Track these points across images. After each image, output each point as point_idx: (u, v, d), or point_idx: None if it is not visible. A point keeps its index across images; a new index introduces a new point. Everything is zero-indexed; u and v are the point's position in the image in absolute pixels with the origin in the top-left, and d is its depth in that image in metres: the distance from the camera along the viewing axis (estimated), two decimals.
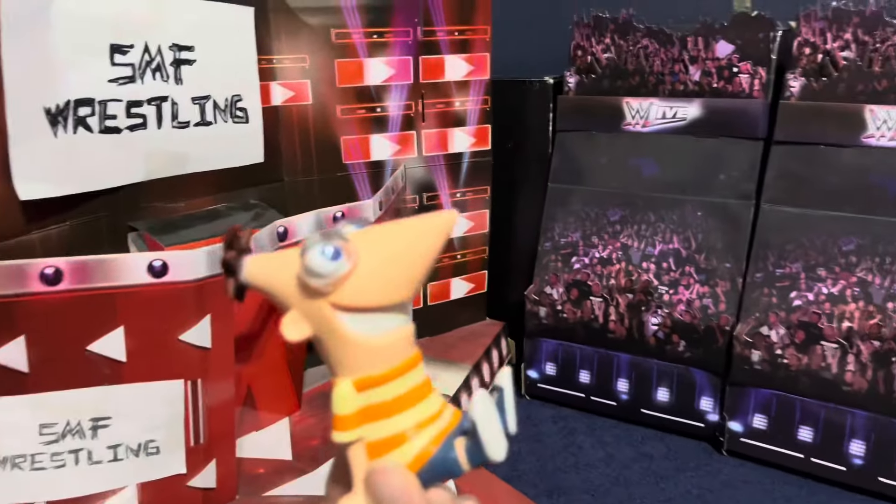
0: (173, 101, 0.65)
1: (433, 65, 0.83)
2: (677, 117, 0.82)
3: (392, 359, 0.26)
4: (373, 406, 0.26)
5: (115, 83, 0.60)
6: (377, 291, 0.26)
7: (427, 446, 0.26)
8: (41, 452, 0.51)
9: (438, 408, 0.27)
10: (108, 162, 0.61)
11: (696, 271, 0.80)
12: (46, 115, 0.56)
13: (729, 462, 0.77)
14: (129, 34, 0.61)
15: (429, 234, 0.27)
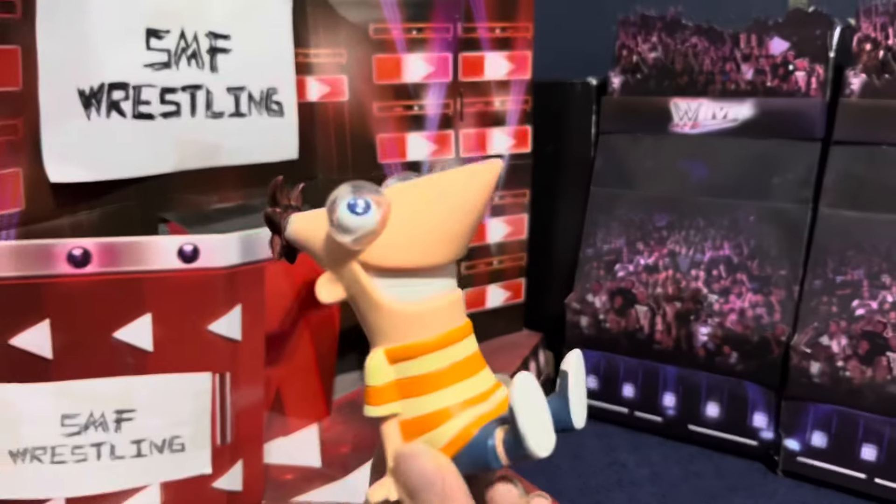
0: (208, 90, 0.63)
1: (473, 62, 0.80)
2: (728, 118, 0.78)
3: (430, 328, 0.24)
4: (408, 379, 0.24)
5: (151, 68, 0.58)
6: (411, 251, 0.24)
7: (468, 427, 0.24)
8: (62, 444, 0.49)
9: (489, 387, 0.25)
10: (141, 149, 0.59)
11: (748, 279, 0.75)
12: (80, 96, 0.54)
13: (784, 483, 0.72)
14: (165, 19, 0.59)
15: (470, 185, 0.24)
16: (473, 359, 0.25)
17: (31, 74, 0.50)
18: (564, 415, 0.24)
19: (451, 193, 0.24)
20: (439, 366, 0.24)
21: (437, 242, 0.24)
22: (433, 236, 0.24)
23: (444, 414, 0.24)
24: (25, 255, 0.46)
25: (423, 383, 0.24)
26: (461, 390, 0.25)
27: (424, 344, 0.24)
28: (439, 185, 0.24)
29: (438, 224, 0.24)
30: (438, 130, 0.80)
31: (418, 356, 0.24)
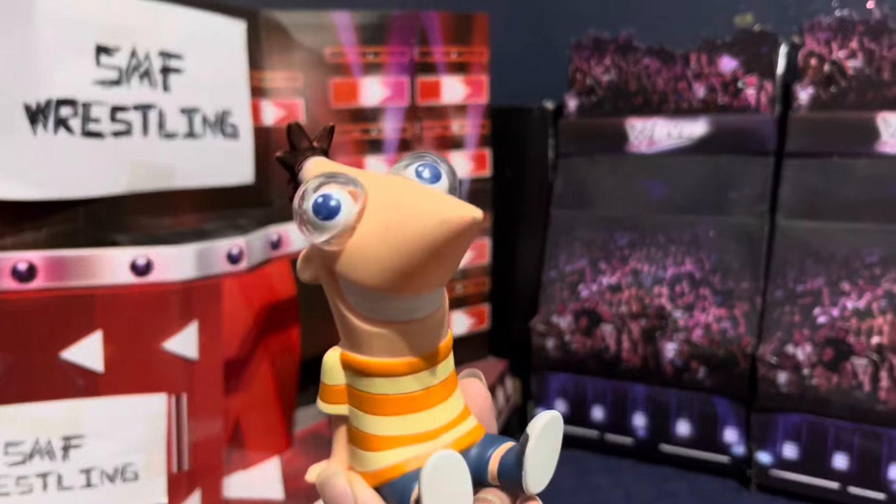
0: (160, 110, 0.62)
1: (430, 86, 0.80)
2: (683, 136, 0.80)
3: (380, 352, 0.22)
4: (356, 392, 0.23)
5: (100, 85, 0.57)
6: (367, 270, 0.21)
7: (401, 465, 0.22)
8: (5, 475, 0.45)
9: (444, 423, 0.23)
10: (90, 168, 0.56)
11: (711, 293, 0.76)
12: (26, 111, 0.52)
13: (759, 498, 0.71)
14: (116, 36, 0.58)
15: (437, 232, 0.20)
16: (431, 392, 0.23)
17: None
18: (516, 475, 0.22)
19: (414, 234, 0.20)
20: (389, 391, 0.22)
21: (391, 274, 0.21)
22: (393, 269, 0.21)
23: (381, 441, 0.22)
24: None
25: (369, 402, 0.22)
26: (406, 423, 0.23)
27: (378, 365, 0.22)
28: (404, 215, 0.21)
29: (398, 261, 0.21)
30: (397, 153, 0.80)
31: (370, 375, 0.22)
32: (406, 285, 0.21)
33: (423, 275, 0.21)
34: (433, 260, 0.21)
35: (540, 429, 0.22)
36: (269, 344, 0.65)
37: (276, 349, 0.66)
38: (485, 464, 0.23)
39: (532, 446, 0.22)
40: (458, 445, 0.23)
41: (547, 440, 0.22)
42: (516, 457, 0.23)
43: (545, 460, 0.22)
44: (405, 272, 0.21)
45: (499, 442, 0.24)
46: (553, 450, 0.23)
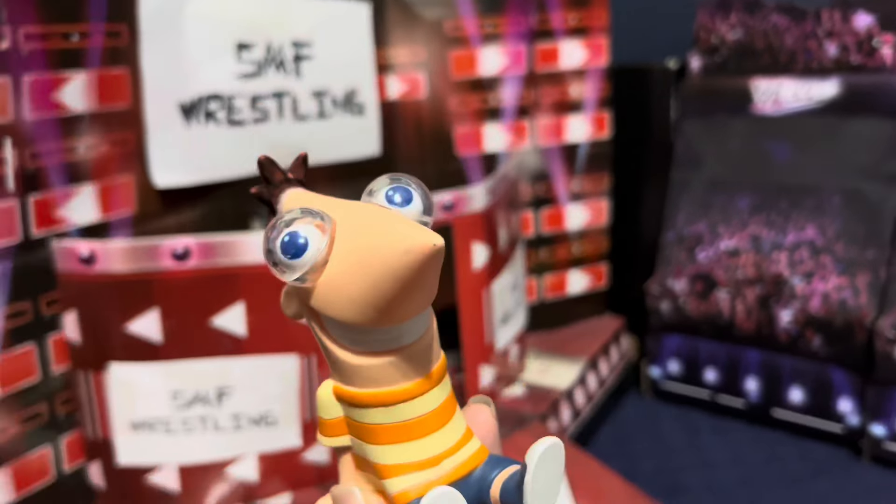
0: (294, 96, 0.68)
1: (548, 52, 0.82)
2: (812, 97, 0.77)
3: (370, 382, 0.22)
4: (354, 423, 0.23)
5: (241, 79, 0.64)
6: (340, 304, 0.21)
7: (407, 492, 0.22)
8: (173, 417, 0.55)
9: (445, 449, 0.23)
10: (235, 153, 0.65)
11: (833, 261, 0.74)
12: (180, 109, 0.60)
13: (871, 469, 0.71)
14: (253, 33, 0.65)
15: (389, 258, 0.20)
16: (429, 418, 0.22)
17: (138, 91, 0.57)
18: (516, 502, 0.22)
19: (379, 266, 0.20)
20: (385, 421, 0.22)
21: (363, 306, 0.21)
22: (364, 303, 0.21)
23: (387, 470, 0.22)
24: (137, 253, 0.53)
25: (367, 433, 0.22)
26: (411, 451, 0.22)
27: (370, 396, 0.22)
28: (369, 252, 0.21)
29: (368, 293, 0.20)
30: (515, 121, 0.83)
31: (363, 407, 0.22)
32: (381, 318, 0.21)
33: (397, 305, 0.21)
34: (401, 290, 0.20)
35: (538, 457, 0.21)
36: None
37: None
38: (487, 487, 0.23)
39: (530, 475, 0.21)
40: (460, 471, 0.23)
41: (546, 468, 0.22)
42: (516, 484, 0.22)
43: (545, 487, 0.22)
44: (376, 305, 0.21)
45: (502, 465, 0.23)
46: (555, 476, 0.22)
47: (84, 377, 0.55)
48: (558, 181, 0.86)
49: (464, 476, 0.23)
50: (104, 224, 0.56)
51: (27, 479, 0.53)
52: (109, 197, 0.57)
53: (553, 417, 0.73)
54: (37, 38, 0.49)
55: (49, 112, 0.51)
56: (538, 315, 0.88)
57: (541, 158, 0.85)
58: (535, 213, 0.87)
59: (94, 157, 0.55)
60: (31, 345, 0.52)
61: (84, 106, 0.54)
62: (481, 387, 0.73)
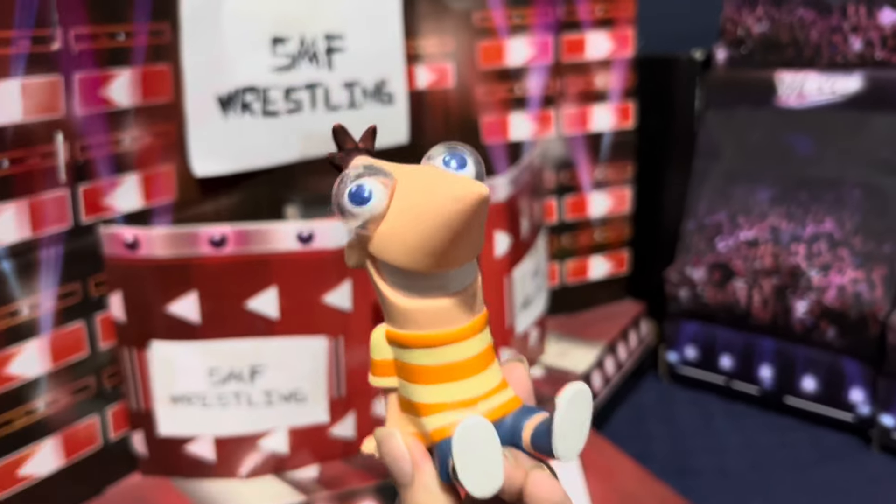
0: (326, 87, 0.71)
1: (575, 43, 0.84)
2: (836, 91, 0.77)
3: (425, 325, 0.24)
4: (401, 364, 0.25)
5: (276, 72, 0.67)
6: (396, 251, 0.23)
7: (445, 428, 0.24)
8: (209, 393, 0.59)
9: (485, 391, 0.25)
10: (269, 143, 0.68)
11: (850, 254, 0.75)
12: (219, 101, 0.63)
13: (879, 458, 0.73)
14: (287, 27, 0.67)
15: (440, 206, 0.22)
16: (469, 362, 0.25)
17: (179, 86, 0.60)
18: (546, 444, 0.24)
19: (431, 214, 0.22)
20: (428, 362, 0.24)
21: (417, 253, 0.23)
22: (418, 249, 0.23)
23: (427, 408, 0.25)
24: (177, 239, 0.56)
25: (412, 372, 0.25)
26: (445, 391, 0.24)
27: (416, 338, 0.24)
28: (421, 197, 0.23)
29: (421, 240, 0.23)
30: (540, 110, 0.85)
31: (410, 347, 0.24)
32: (432, 263, 0.23)
33: (446, 252, 0.23)
34: (451, 237, 0.22)
35: (567, 401, 0.23)
36: None
37: None
38: (519, 432, 0.25)
39: (559, 417, 0.23)
40: (494, 414, 0.25)
41: (574, 411, 0.24)
42: (546, 426, 0.24)
43: (574, 430, 0.24)
44: (427, 251, 0.23)
45: (533, 412, 0.25)
46: (582, 420, 0.24)
47: (128, 353, 0.59)
48: (582, 169, 0.88)
49: (497, 419, 0.25)
50: (147, 210, 0.60)
51: (76, 446, 0.57)
52: (152, 185, 0.60)
53: None
54: (86, 39, 0.53)
55: (97, 107, 0.55)
56: (560, 299, 0.91)
57: (565, 147, 0.87)
58: (559, 201, 0.89)
59: (138, 148, 0.58)
60: (80, 323, 0.56)
61: (129, 101, 0.57)
62: None
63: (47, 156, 0.52)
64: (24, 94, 0.50)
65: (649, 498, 0.61)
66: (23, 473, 0.54)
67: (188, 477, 0.62)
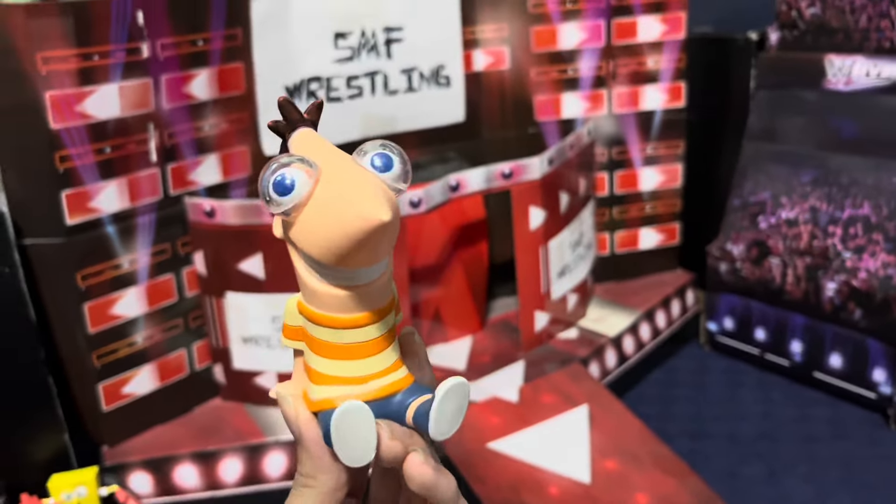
0: (385, 74, 0.80)
1: (626, 27, 0.88)
2: (883, 76, 0.78)
3: (325, 308, 0.26)
4: (307, 334, 0.27)
5: (338, 63, 0.77)
6: (309, 242, 0.25)
7: (332, 399, 0.26)
8: (272, 336, 0.72)
9: (375, 371, 0.27)
10: (333, 125, 0.78)
11: (884, 239, 0.77)
12: (286, 90, 0.74)
13: (894, 436, 0.76)
14: (349, 22, 0.77)
15: (342, 220, 0.24)
16: (366, 345, 0.27)
17: (251, 80, 0.71)
18: (424, 424, 0.26)
19: (337, 224, 0.24)
20: (328, 339, 0.26)
21: (325, 250, 0.25)
22: (325, 247, 0.24)
23: (321, 377, 0.27)
24: (244, 210, 0.68)
25: (313, 343, 0.27)
26: (341, 367, 0.27)
27: (321, 317, 0.26)
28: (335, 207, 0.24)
29: (327, 241, 0.24)
30: (592, 90, 0.90)
31: (314, 323, 0.26)
32: (337, 262, 0.25)
33: (349, 256, 0.24)
34: (353, 246, 0.24)
35: (444, 392, 0.26)
36: (461, 253, 0.85)
37: (467, 257, 0.85)
38: (403, 410, 0.27)
39: (435, 406, 0.26)
40: (384, 391, 0.27)
41: (451, 401, 0.27)
42: (425, 411, 0.26)
43: (448, 416, 0.27)
44: (333, 251, 0.24)
45: (419, 392, 0.27)
46: (457, 409, 0.27)
47: (209, 301, 0.72)
48: (633, 146, 0.93)
49: (386, 396, 0.27)
50: (225, 184, 0.73)
51: (169, 373, 0.72)
52: (229, 163, 0.72)
53: (596, 361, 0.83)
54: (170, 47, 0.65)
55: (181, 101, 0.67)
56: (610, 267, 0.97)
57: (616, 124, 0.92)
58: (610, 175, 0.94)
59: (216, 133, 0.70)
60: (170, 275, 0.70)
61: (208, 95, 0.69)
62: (536, 329, 0.84)
63: (141, 142, 0.65)
64: (121, 94, 0.62)
65: (645, 453, 0.68)
66: (126, 391, 0.69)
67: (258, 404, 0.75)
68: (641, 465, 0.67)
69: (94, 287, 0.65)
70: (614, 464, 0.68)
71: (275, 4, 0.71)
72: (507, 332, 0.89)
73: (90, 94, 0.61)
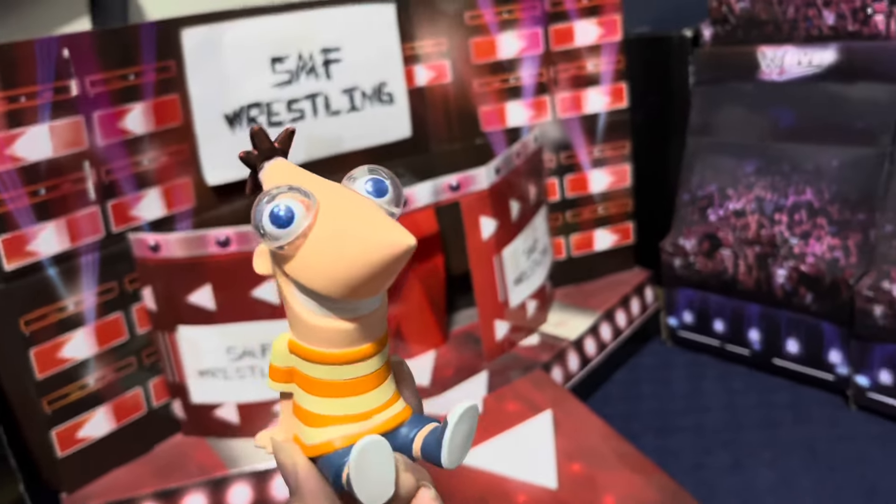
0: (326, 95, 0.80)
1: (563, 32, 0.89)
2: (813, 64, 0.79)
3: (323, 342, 0.25)
4: (300, 374, 0.25)
5: (277, 87, 0.77)
6: (314, 276, 0.24)
7: (332, 442, 0.25)
8: (228, 367, 0.71)
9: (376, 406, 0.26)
10: None
11: (828, 223, 0.78)
12: (225, 119, 0.74)
13: (855, 416, 0.77)
14: (285, 47, 0.77)
15: (368, 249, 0.23)
16: (367, 379, 0.25)
17: (188, 111, 0.71)
18: (436, 455, 0.25)
19: (360, 254, 0.23)
20: (326, 377, 0.25)
21: (336, 283, 0.23)
22: (338, 279, 0.23)
23: (318, 419, 0.25)
24: (190, 242, 0.68)
25: (309, 384, 0.25)
26: (342, 405, 0.25)
27: (320, 354, 0.25)
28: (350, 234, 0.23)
29: (344, 273, 0.23)
30: (535, 97, 0.91)
31: (311, 361, 0.25)
32: (349, 294, 0.24)
33: (364, 286, 0.23)
34: (373, 275, 0.23)
35: (457, 418, 0.25)
36: (417, 269, 0.84)
37: (423, 272, 0.85)
38: (409, 443, 0.26)
39: (449, 432, 0.25)
40: (388, 424, 0.25)
41: (462, 427, 0.25)
42: (436, 439, 0.25)
43: (459, 443, 0.25)
44: (347, 283, 0.23)
45: (423, 423, 0.26)
46: (468, 434, 0.26)
47: (161, 336, 0.71)
48: (580, 149, 0.94)
49: (390, 430, 0.26)
50: (169, 217, 0.72)
51: (125, 413, 0.70)
52: (172, 196, 0.72)
53: (558, 365, 0.83)
54: (100, 83, 0.64)
55: (117, 137, 0.66)
56: (567, 270, 0.98)
57: (562, 130, 0.93)
58: (560, 180, 0.95)
59: (156, 167, 0.70)
60: (119, 313, 0.69)
61: (144, 129, 0.68)
62: (497, 339, 0.84)
63: (78, 181, 0.64)
64: (52, 134, 0.62)
65: (610, 453, 0.69)
66: (81, 435, 0.67)
67: (219, 436, 0.74)
68: (607, 465, 0.67)
69: (39, 332, 0.64)
70: (580, 467, 0.68)
71: (207, 33, 0.71)
72: (469, 344, 0.89)
73: (19, 136, 0.60)
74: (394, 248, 0.23)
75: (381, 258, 0.23)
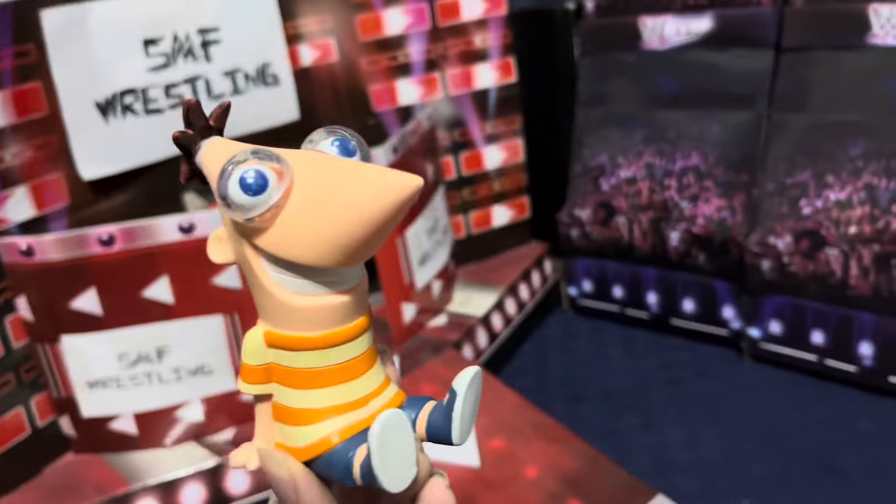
0: (206, 78, 0.76)
1: (449, 7, 0.88)
2: (691, 32, 0.82)
3: (314, 325, 0.22)
4: (283, 368, 0.23)
5: (152, 71, 0.71)
6: (300, 245, 0.21)
7: (329, 437, 0.23)
8: (121, 375, 0.66)
9: (370, 391, 0.24)
10: (156, 138, 0.73)
11: (714, 185, 0.81)
12: (97, 107, 0.68)
13: (749, 367, 0.81)
14: (158, 27, 0.71)
15: (374, 197, 0.20)
16: (359, 361, 0.23)
17: (53, 99, 0.65)
18: (445, 432, 0.23)
19: (362, 206, 0.20)
20: (315, 365, 0.22)
21: (332, 248, 0.21)
22: (328, 241, 0.21)
23: (309, 415, 0.23)
24: (68, 243, 0.62)
25: (295, 377, 0.23)
26: (335, 394, 0.23)
27: (304, 339, 0.22)
28: (346, 187, 0.21)
29: (341, 233, 0.21)
30: (425, 74, 0.89)
31: (296, 350, 0.22)
32: (344, 258, 0.21)
33: (365, 245, 0.21)
34: (375, 230, 0.21)
35: (465, 386, 0.23)
36: None
37: None
38: (413, 424, 0.24)
39: (459, 403, 0.23)
40: (387, 409, 0.23)
41: (471, 396, 0.23)
42: (444, 414, 0.23)
43: (468, 417, 0.23)
44: (344, 244, 0.21)
45: (421, 402, 0.24)
46: (475, 404, 0.24)
47: (42, 348, 0.65)
48: (473, 126, 0.93)
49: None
50: (41, 217, 0.65)
51: (6, 436, 0.64)
52: (42, 194, 0.65)
53: (468, 343, 0.83)
54: None
55: None
56: (468, 249, 0.97)
57: (454, 106, 0.92)
58: (455, 157, 0.94)
59: (21, 162, 0.63)
60: None
61: (4, 121, 0.62)
62: (406, 321, 0.82)
63: None
64: None
65: (527, 425, 0.69)
66: None
67: (116, 451, 0.69)
68: (526, 437, 0.68)
69: None
70: (500, 442, 0.68)
71: (70, 14, 0.65)
72: (377, 329, 0.87)
73: None
74: (405, 189, 0.20)
75: (393, 202, 0.20)
